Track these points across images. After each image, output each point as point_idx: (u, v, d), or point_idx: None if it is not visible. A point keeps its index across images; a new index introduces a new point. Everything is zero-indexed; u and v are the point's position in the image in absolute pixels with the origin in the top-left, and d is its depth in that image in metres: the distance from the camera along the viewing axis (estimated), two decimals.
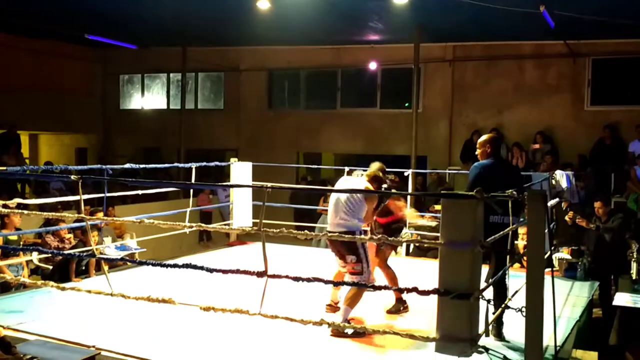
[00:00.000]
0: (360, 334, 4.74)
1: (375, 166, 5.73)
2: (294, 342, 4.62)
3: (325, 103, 15.07)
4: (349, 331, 4.79)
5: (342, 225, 5.17)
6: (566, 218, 8.28)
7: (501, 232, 4.21)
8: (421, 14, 10.61)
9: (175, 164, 9.54)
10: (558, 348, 4.41)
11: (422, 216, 8.00)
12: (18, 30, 14.04)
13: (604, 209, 8.00)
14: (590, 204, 8.86)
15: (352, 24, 11.90)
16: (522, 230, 7.53)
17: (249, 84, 15.66)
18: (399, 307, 5.64)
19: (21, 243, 7.83)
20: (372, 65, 13.87)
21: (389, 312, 5.62)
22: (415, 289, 3.50)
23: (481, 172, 4.85)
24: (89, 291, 4.23)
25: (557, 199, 7.68)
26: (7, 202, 5.76)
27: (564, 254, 7.61)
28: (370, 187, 5.42)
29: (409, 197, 9.86)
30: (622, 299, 6.45)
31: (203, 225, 4.64)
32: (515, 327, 4.46)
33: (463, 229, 3.36)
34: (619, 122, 11.81)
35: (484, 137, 5.17)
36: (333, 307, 5.50)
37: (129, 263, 7.10)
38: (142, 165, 7.55)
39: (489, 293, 4.11)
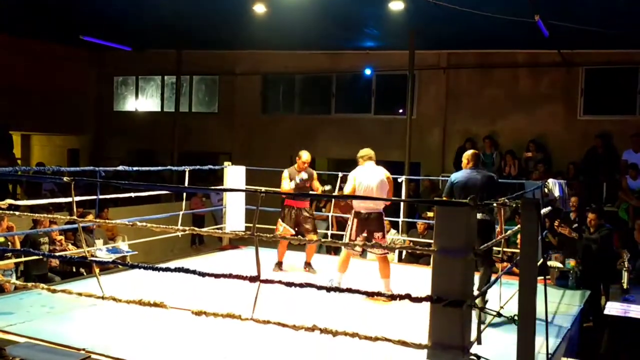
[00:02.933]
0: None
1: (368, 151, 6.39)
2: (285, 348, 4.61)
3: (319, 108, 15.09)
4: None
5: (376, 209, 6.04)
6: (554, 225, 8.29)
7: (497, 239, 4.22)
8: (416, 21, 10.65)
9: (169, 167, 9.51)
10: (549, 356, 4.42)
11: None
12: (13, 31, 13.98)
13: (596, 221, 7.98)
14: (579, 213, 8.89)
15: (347, 29, 11.92)
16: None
17: (243, 87, 15.65)
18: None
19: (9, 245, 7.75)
20: (367, 71, 13.90)
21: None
22: (407, 296, 3.50)
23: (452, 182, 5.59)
24: (80, 294, 4.22)
25: (549, 207, 7.71)
26: None
27: (570, 264, 7.56)
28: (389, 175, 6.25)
29: (402, 203, 9.92)
30: (613, 308, 6.47)
31: (196, 228, 4.62)
32: (506, 335, 4.46)
33: (456, 237, 3.37)
34: (611, 131, 11.87)
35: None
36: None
37: (120, 266, 7.06)
38: (135, 168, 7.53)
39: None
